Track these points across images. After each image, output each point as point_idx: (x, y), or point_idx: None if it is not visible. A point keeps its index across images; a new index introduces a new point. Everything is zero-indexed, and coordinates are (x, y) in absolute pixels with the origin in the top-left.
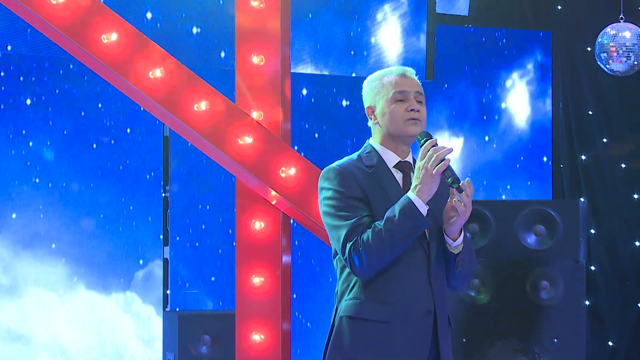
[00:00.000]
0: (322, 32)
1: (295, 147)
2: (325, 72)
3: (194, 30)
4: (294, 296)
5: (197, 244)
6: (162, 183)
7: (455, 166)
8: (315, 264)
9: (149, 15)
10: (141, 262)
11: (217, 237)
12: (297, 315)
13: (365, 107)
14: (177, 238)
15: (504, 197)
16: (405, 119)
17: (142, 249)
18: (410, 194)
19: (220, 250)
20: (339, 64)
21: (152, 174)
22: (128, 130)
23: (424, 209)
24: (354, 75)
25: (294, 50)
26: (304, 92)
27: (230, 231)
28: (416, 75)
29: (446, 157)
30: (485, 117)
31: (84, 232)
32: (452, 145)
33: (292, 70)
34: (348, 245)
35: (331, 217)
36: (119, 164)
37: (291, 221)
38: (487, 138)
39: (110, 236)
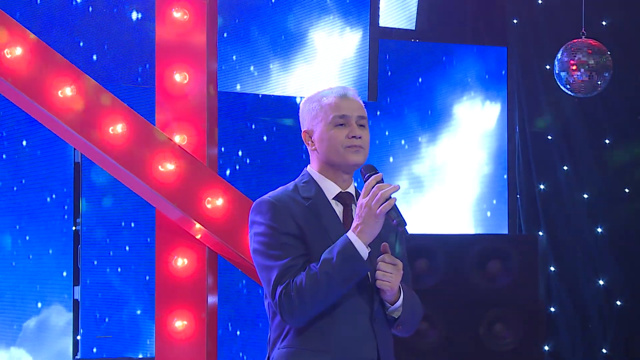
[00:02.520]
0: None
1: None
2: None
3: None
4: (238, 333)
5: (119, 269)
6: (66, 207)
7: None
8: (264, 294)
9: None
10: (39, 305)
11: (143, 261)
12: (241, 357)
13: (302, 131)
14: (95, 262)
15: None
16: (346, 146)
17: (40, 288)
18: (351, 234)
19: (147, 277)
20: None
21: (54, 196)
22: (24, 143)
23: (364, 252)
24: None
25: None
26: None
27: None
28: (359, 97)
29: (392, 196)
30: (433, 140)
31: None
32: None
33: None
34: (279, 289)
35: (262, 255)
36: (12, 183)
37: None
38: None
39: None
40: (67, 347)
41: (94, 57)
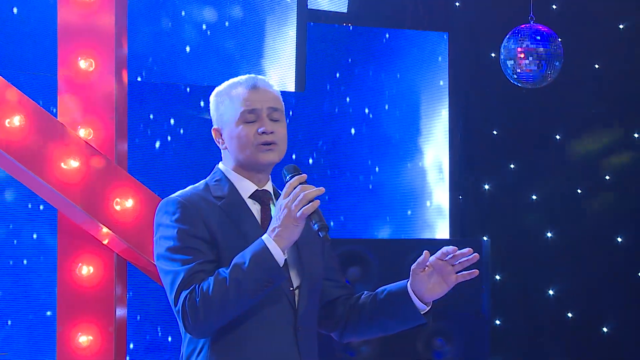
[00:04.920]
0: None
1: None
2: None
3: None
4: (169, 339)
5: (25, 261)
6: None
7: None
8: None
9: None
10: None
11: (56, 251)
12: None
13: (212, 128)
14: None
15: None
16: (256, 144)
17: None
18: (266, 238)
19: None
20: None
21: None
22: None
23: (280, 258)
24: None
25: None
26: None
27: None
28: (271, 86)
29: (316, 198)
30: (369, 136)
31: None
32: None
33: None
34: (183, 294)
35: (166, 260)
36: None
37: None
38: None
39: None
40: None
41: None
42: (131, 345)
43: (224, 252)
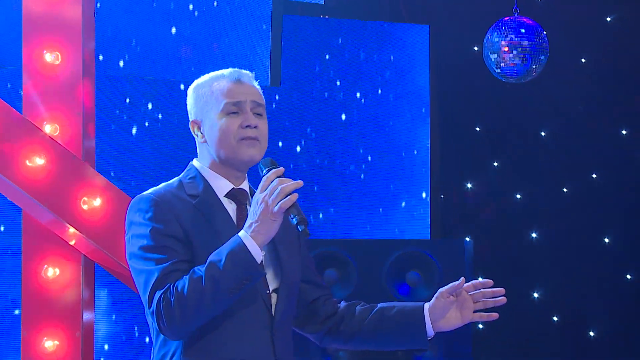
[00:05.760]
0: None
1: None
2: None
3: None
4: (147, 340)
5: None
6: None
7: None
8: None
9: None
10: None
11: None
12: None
13: (190, 120)
14: None
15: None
16: (239, 138)
17: None
18: (243, 234)
19: None
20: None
21: None
22: None
23: (258, 255)
24: None
25: None
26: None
27: None
28: (256, 80)
29: (294, 192)
30: (345, 131)
31: None
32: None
33: None
34: (157, 295)
35: (139, 260)
36: None
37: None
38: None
39: None
40: None
41: None
42: (106, 347)
43: (199, 252)
